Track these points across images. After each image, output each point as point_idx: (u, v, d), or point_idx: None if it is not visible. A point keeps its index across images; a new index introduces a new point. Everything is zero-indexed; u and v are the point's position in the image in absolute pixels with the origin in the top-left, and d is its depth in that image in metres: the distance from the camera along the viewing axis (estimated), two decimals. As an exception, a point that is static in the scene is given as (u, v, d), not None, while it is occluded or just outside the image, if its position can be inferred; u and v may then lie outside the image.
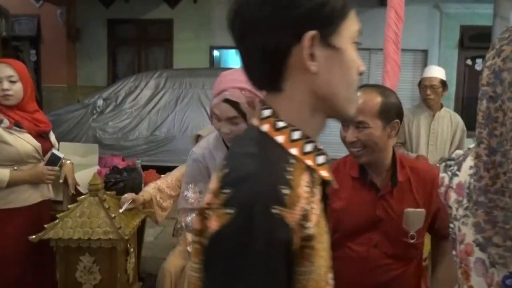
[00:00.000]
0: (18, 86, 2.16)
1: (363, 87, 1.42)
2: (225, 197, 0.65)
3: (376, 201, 1.45)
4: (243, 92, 1.47)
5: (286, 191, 0.64)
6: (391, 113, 1.41)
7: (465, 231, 0.98)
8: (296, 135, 0.72)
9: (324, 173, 0.73)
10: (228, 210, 0.63)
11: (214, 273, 0.65)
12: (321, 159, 0.74)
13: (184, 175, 1.80)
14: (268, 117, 0.73)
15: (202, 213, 0.68)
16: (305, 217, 0.65)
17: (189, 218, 1.67)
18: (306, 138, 0.73)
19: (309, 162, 0.72)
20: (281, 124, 0.72)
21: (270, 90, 0.76)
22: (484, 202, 0.88)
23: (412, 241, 1.43)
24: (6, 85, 2.11)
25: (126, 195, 2.28)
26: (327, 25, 0.69)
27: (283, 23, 0.68)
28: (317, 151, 0.74)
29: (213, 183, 0.69)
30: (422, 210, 1.44)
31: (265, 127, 0.73)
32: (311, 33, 0.68)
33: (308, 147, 0.73)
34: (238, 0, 0.73)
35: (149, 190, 2.50)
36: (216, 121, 1.55)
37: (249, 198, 0.63)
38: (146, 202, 2.42)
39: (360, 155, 1.42)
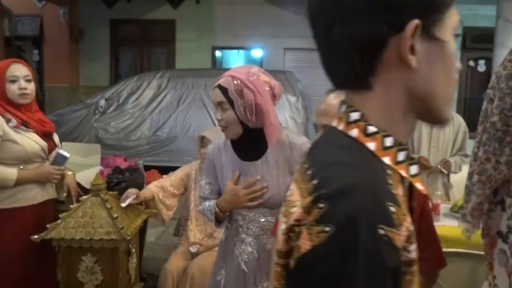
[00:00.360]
0: (32, 85, 2.22)
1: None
2: (320, 213, 0.56)
3: None
4: (234, 80, 1.51)
5: (393, 208, 0.56)
6: None
7: (490, 224, 1.02)
8: (389, 141, 0.63)
9: (420, 186, 0.64)
10: (325, 228, 0.55)
11: None
12: (414, 169, 0.65)
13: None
14: (356, 120, 0.64)
15: (288, 232, 0.60)
16: (409, 239, 0.57)
17: (203, 205, 1.71)
18: (398, 145, 0.64)
19: (403, 173, 0.63)
20: (372, 129, 0.63)
21: (355, 89, 0.66)
22: None
23: None
24: (23, 83, 2.16)
25: (130, 189, 2.28)
26: (432, 13, 0.60)
27: (380, 10, 0.59)
28: (410, 160, 0.65)
29: (297, 196, 0.61)
30: None
31: (354, 132, 0.64)
32: (415, 21, 0.58)
33: (401, 156, 0.64)
34: None
35: (151, 188, 2.51)
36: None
37: (351, 214, 0.54)
38: (147, 200, 2.42)
39: None
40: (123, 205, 2.18)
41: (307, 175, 0.62)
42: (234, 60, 10.28)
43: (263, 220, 1.60)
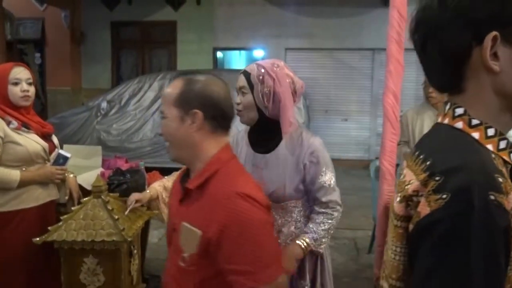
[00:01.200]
0: (33, 89, 2.26)
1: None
2: (436, 184, 0.67)
3: (178, 206, 1.25)
4: (258, 67, 1.59)
5: (501, 179, 0.66)
6: (191, 102, 1.18)
7: None
8: (491, 132, 0.73)
9: None
10: (442, 195, 0.65)
11: (430, 257, 0.67)
12: None
13: None
14: (461, 115, 0.76)
15: (406, 200, 0.73)
16: None
17: None
18: (500, 135, 0.74)
19: (506, 158, 0.73)
20: (475, 121, 0.74)
21: (452, 92, 0.79)
22: None
23: (182, 264, 1.16)
24: (26, 86, 2.19)
25: (131, 196, 2.29)
26: (508, 25, 0.70)
27: (464, 25, 0.72)
28: (510, 149, 0.74)
29: (411, 176, 0.74)
30: (197, 231, 1.13)
31: (459, 124, 0.75)
32: (493, 33, 0.70)
33: (503, 144, 0.74)
34: (420, 10, 0.78)
35: (156, 186, 2.51)
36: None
37: (465, 184, 0.64)
38: (153, 199, 2.43)
39: (168, 151, 1.29)
40: (126, 213, 2.18)
41: (420, 159, 0.75)
42: (236, 61, 10.29)
43: None
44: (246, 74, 1.60)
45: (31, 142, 2.17)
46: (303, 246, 1.58)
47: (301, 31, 7.74)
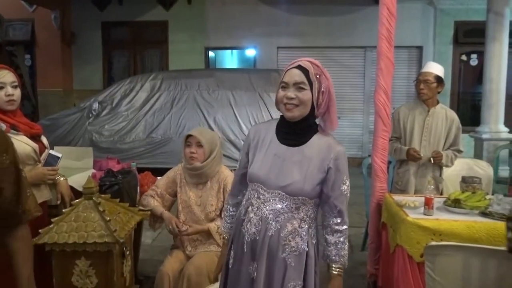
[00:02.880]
0: (18, 92, 2.22)
1: None
2: None
3: None
4: (313, 65, 1.64)
5: None
6: None
7: None
8: None
9: None
10: None
11: None
12: None
13: None
14: None
15: None
16: None
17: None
18: None
19: None
20: None
21: None
22: None
23: None
24: (10, 90, 2.16)
25: (171, 223, 2.52)
26: None
27: None
28: None
29: None
30: None
31: None
32: None
33: None
34: None
35: (155, 204, 2.64)
36: (281, 90, 1.65)
37: None
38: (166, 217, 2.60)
39: None
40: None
41: None
42: (228, 60, 10.27)
43: (278, 205, 1.62)
44: (304, 70, 1.63)
45: (21, 144, 2.15)
46: (341, 274, 1.71)
47: (293, 29, 7.74)
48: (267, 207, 1.63)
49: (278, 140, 1.69)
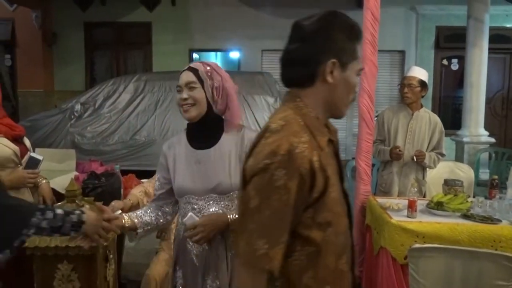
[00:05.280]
0: None
1: None
2: None
3: None
4: (204, 65, 1.67)
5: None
6: None
7: None
8: None
9: None
10: None
11: None
12: None
13: None
14: None
15: None
16: None
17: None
18: None
19: None
20: None
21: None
22: None
23: None
24: None
25: (113, 203, 2.25)
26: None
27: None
28: None
29: None
30: None
31: None
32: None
33: None
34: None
35: (136, 193, 2.48)
36: (177, 94, 1.67)
37: None
38: (133, 206, 2.40)
39: None
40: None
41: None
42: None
43: (215, 208, 1.62)
44: (193, 70, 1.65)
45: (0, 146, 2.11)
46: None
47: (277, 32, 7.70)
48: (205, 214, 1.62)
49: (192, 147, 1.70)
